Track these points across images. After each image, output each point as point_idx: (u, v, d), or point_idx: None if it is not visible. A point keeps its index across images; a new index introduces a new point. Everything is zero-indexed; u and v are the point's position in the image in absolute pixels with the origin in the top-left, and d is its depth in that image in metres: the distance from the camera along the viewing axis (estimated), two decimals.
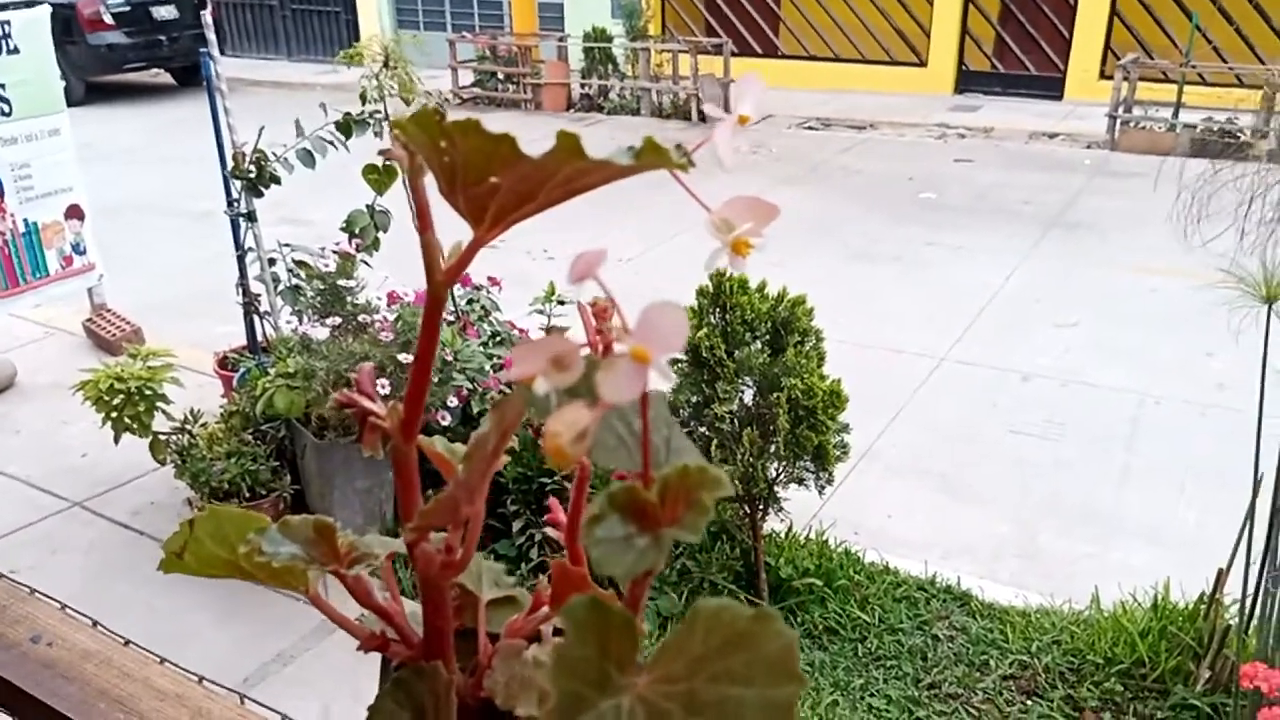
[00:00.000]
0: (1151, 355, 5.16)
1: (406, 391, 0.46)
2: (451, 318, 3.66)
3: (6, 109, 4.57)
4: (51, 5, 4.84)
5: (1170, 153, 9.15)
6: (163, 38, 12.75)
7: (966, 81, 12.38)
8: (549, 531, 0.54)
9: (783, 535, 3.46)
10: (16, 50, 4.56)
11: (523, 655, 0.53)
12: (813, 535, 3.52)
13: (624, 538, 0.38)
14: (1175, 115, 9.45)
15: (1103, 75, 11.30)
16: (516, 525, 3.27)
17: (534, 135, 0.49)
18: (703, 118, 11.14)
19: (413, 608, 0.51)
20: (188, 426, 3.56)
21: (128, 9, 12.36)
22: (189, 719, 0.63)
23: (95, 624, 0.73)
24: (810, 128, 10.94)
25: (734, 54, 11.56)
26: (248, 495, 3.40)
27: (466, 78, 12.59)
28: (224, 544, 0.46)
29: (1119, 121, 9.63)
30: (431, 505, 0.43)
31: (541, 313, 3.81)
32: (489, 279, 4.01)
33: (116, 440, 3.54)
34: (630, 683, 0.36)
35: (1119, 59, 10.17)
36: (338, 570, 0.44)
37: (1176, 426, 4.46)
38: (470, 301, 3.90)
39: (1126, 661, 2.96)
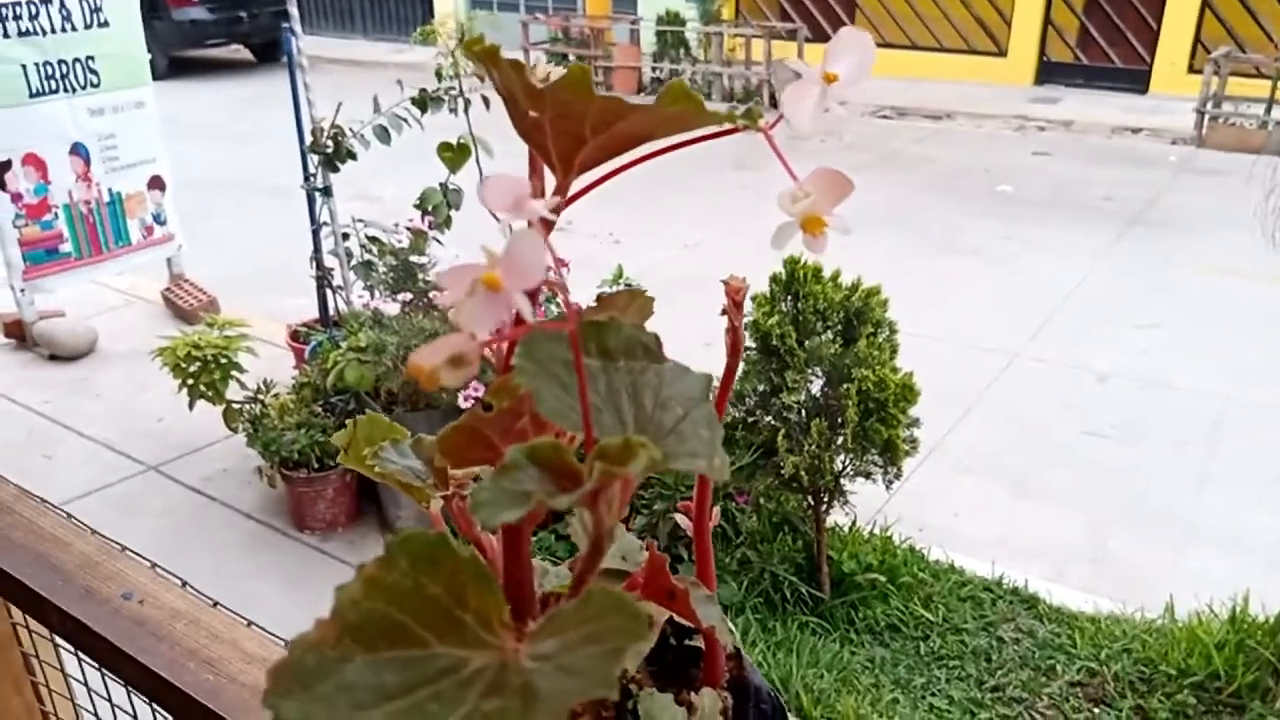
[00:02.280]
0: (1235, 359, 4.99)
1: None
2: None
3: (95, 80, 4.69)
4: None
5: (1261, 151, 8.82)
6: (243, 14, 12.99)
7: (1047, 73, 12.07)
8: (679, 518, 0.52)
9: (846, 529, 3.42)
10: (107, 24, 4.68)
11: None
12: (877, 530, 3.47)
13: (523, 492, 0.35)
14: (1268, 112, 9.11)
15: (1191, 69, 10.93)
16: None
17: None
18: (774, 103, 11.02)
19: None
20: (260, 396, 3.62)
21: None
22: None
23: (185, 584, 0.74)
24: (884, 116, 10.77)
25: (808, 40, 11.41)
26: (316, 466, 3.46)
27: (538, 59, 12.63)
28: (371, 446, 0.48)
29: (1207, 117, 9.31)
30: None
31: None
32: (556, 260, 4.01)
33: (191, 406, 3.62)
34: (501, 644, 0.34)
35: (1209, 52, 9.83)
36: (446, 495, 0.44)
37: (1260, 432, 4.30)
38: None
39: (1200, 674, 2.87)
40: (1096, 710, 2.83)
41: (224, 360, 3.53)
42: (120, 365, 4.85)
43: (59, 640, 0.91)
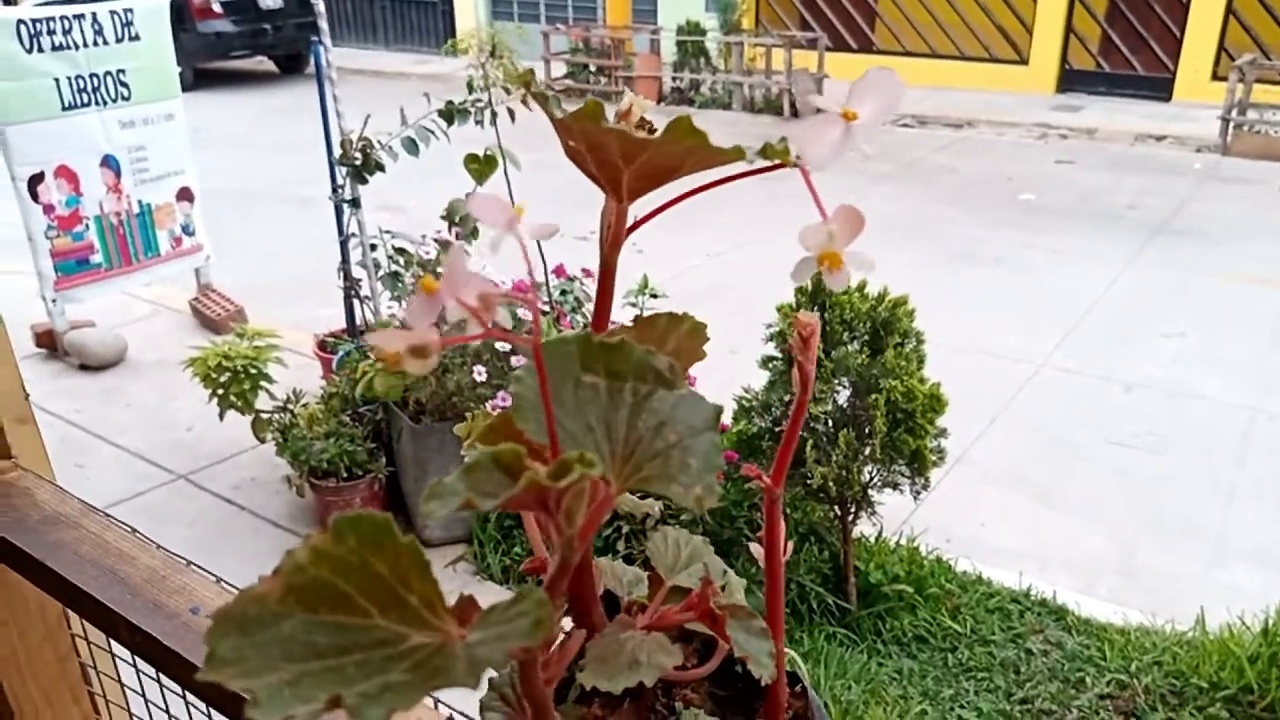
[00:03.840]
0: (1264, 370, 4.95)
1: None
2: (546, 308, 3.69)
3: (127, 93, 4.75)
4: None
5: None
6: (268, 26, 13.12)
7: (1070, 81, 12.02)
8: (753, 548, 0.53)
9: (872, 540, 3.41)
10: (138, 37, 4.74)
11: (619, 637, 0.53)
12: (903, 541, 3.46)
13: (463, 492, 0.37)
14: None
15: (1215, 76, 10.86)
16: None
17: None
18: (795, 112, 11.03)
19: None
20: (289, 406, 3.66)
21: None
22: None
23: None
24: (905, 125, 10.75)
25: (829, 49, 11.42)
26: (345, 475, 3.48)
27: (559, 69, 12.68)
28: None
29: (1232, 125, 9.24)
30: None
31: (634, 305, 3.81)
32: (583, 270, 4.03)
33: (221, 416, 3.66)
34: (445, 627, 0.36)
35: (1233, 59, 9.76)
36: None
37: None
38: (564, 293, 3.92)
39: (1233, 687, 2.84)
40: None
41: (254, 371, 3.57)
42: (150, 375, 4.90)
43: (117, 651, 0.93)
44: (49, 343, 5.00)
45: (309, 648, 0.34)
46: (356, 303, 4.14)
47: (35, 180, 4.53)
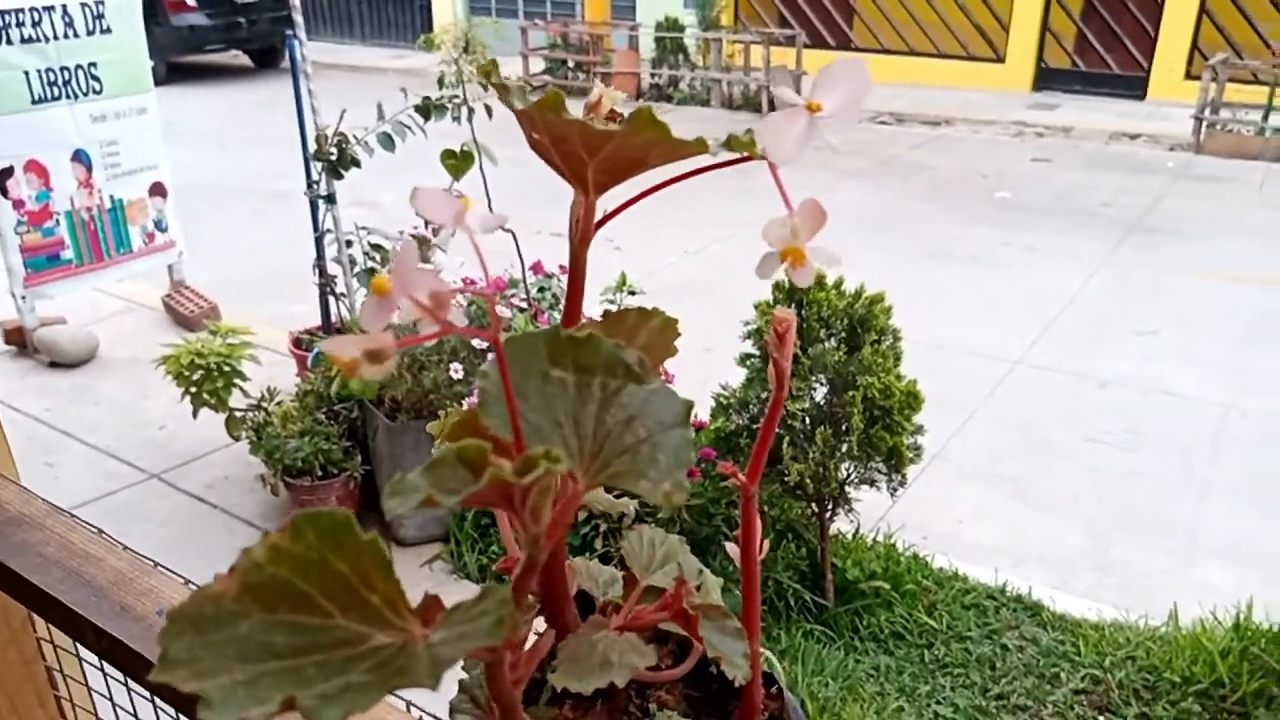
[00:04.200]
0: (1237, 366, 5.00)
1: None
2: (524, 305, 3.67)
3: (98, 87, 4.69)
4: None
5: (1258, 157, 8.87)
6: (242, 20, 13.00)
7: (1045, 79, 12.11)
8: (729, 548, 0.53)
9: (849, 537, 3.42)
10: (109, 30, 4.68)
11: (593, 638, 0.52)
12: (880, 538, 3.47)
13: (450, 488, 0.37)
14: (1265, 118, 9.14)
15: (1189, 75, 10.97)
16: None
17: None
18: (773, 108, 11.04)
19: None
20: (263, 404, 3.62)
21: None
22: None
23: None
24: (882, 122, 10.79)
25: (807, 46, 11.44)
26: (320, 474, 3.45)
27: (537, 65, 12.64)
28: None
29: (1205, 124, 9.34)
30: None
31: (612, 302, 3.80)
32: (560, 267, 4.02)
33: (195, 415, 3.62)
34: (408, 627, 0.35)
35: (1206, 58, 9.86)
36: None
37: (1262, 441, 4.31)
38: (541, 290, 3.90)
39: (1205, 681, 2.87)
40: (1101, 718, 2.83)
41: (227, 368, 3.53)
42: (121, 372, 4.85)
43: (84, 655, 0.91)
44: (18, 340, 4.93)
45: (266, 648, 0.33)
46: (332, 299, 4.11)
47: (4, 175, 4.47)
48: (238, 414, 3.61)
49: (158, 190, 5.08)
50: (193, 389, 3.55)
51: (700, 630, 0.53)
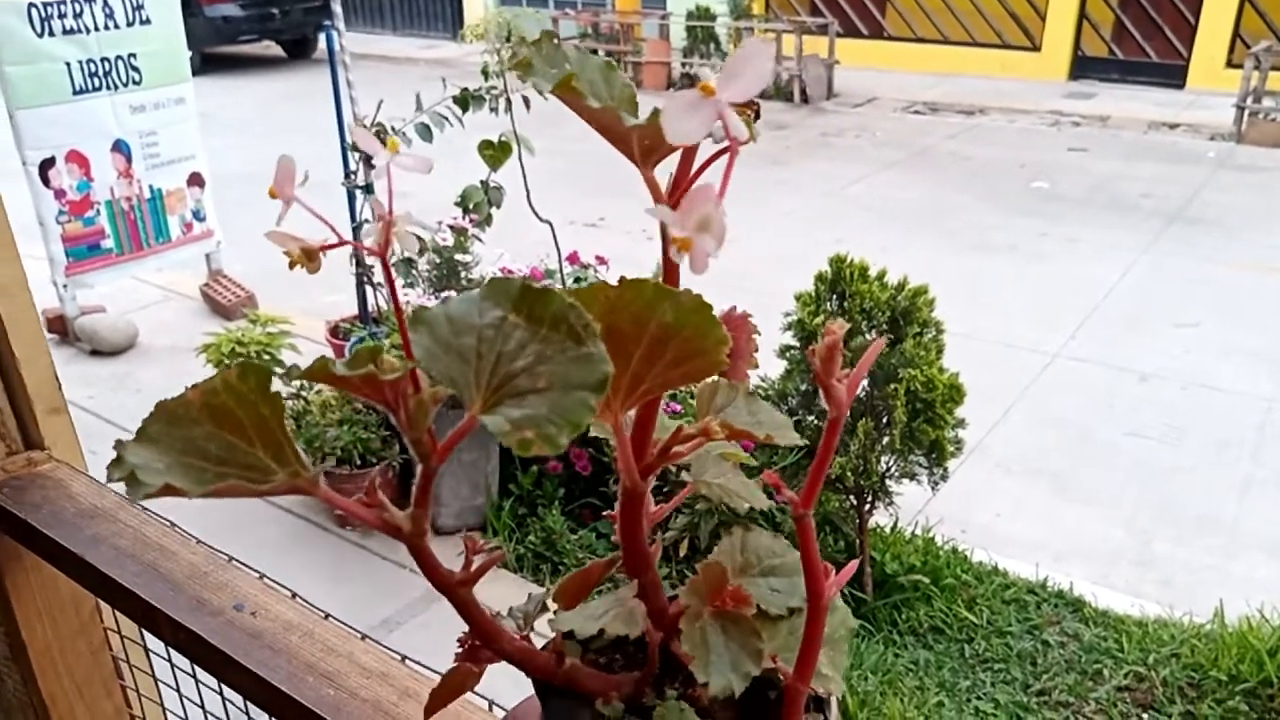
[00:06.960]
0: (1279, 359, 4.92)
1: None
2: None
3: (138, 77, 4.73)
4: None
5: None
6: (275, 11, 13.07)
7: (1082, 68, 11.94)
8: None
9: (888, 530, 3.40)
10: (149, 21, 4.71)
11: None
12: (919, 531, 3.45)
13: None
14: None
15: (1230, 64, 10.78)
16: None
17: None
18: (805, 98, 10.98)
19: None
20: (303, 393, 3.64)
21: None
22: (397, 698, 0.62)
23: (294, 595, 0.74)
24: (917, 112, 10.69)
25: (839, 35, 11.35)
26: (359, 462, 3.47)
27: None
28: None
29: (1247, 113, 9.17)
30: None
31: None
32: (596, 257, 4.01)
33: None
34: (298, 471, 0.45)
35: (1249, 46, 9.68)
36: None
37: None
38: (578, 280, 3.90)
39: (1252, 680, 2.83)
40: (1145, 716, 2.80)
41: (267, 357, 3.55)
42: (161, 360, 4.89)
43: (150, 645, 0.92)
44: (59, 328, 4.99)
45: (204, 454, 0.44)
46: (369, 288, 4.12)
47: (46, 165, 4.52)
48: None
49: (195, 180, 5.12)
50: None
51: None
